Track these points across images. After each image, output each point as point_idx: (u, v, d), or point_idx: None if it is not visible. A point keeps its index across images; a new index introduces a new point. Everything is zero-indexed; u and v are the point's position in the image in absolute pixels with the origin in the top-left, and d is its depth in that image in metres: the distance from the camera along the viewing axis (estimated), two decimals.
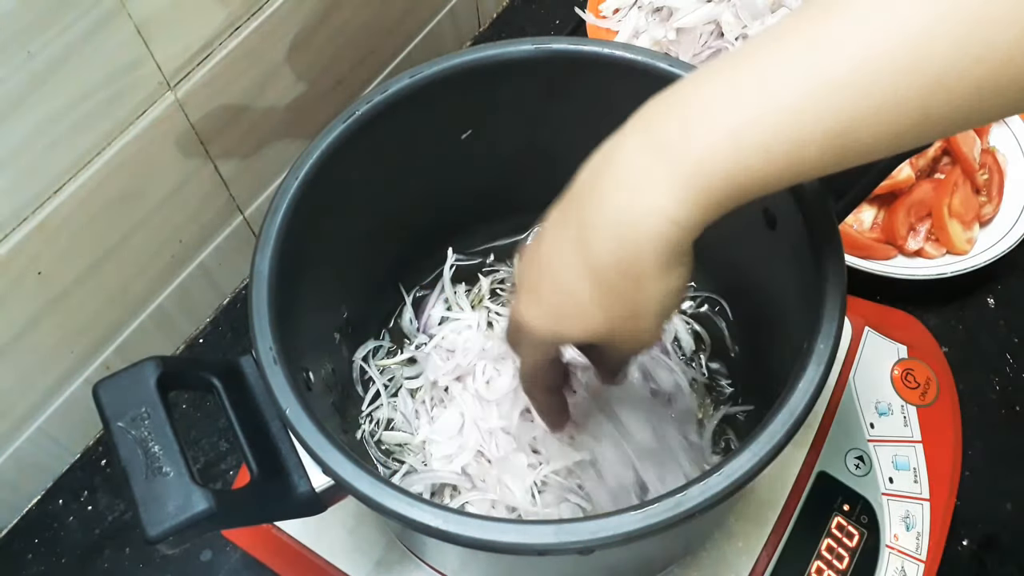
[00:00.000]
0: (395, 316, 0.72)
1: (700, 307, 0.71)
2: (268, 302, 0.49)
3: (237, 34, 0.67)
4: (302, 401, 0.46)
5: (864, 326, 0.71)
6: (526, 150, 0.67)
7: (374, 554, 0.61)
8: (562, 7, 0.99)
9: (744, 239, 0.61)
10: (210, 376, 0.47)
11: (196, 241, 0.75)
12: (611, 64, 0.58)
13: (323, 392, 0.58)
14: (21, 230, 0.59)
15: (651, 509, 0.42)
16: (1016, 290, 0.79)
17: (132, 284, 0.71)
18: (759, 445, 0.43)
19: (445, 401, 0.66)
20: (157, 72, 0.62)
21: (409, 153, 0.61)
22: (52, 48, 0.54)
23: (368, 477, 0.43)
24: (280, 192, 0.53)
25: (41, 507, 0.73)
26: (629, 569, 0.59)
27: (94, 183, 0.62)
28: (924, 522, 0.63)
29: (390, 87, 0.57)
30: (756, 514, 0.62)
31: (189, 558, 0.69)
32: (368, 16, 0.79)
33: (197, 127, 0.68)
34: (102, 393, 0.44)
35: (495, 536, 0.41)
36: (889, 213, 0.78)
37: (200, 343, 0.81)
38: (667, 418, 0.64)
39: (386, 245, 0.67)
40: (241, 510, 0.45)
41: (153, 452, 0.42)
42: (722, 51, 0.89)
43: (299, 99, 0.76)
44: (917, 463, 0.65)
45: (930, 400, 0.68)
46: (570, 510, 0.61)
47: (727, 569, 0.60)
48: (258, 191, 0.79)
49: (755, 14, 0.88)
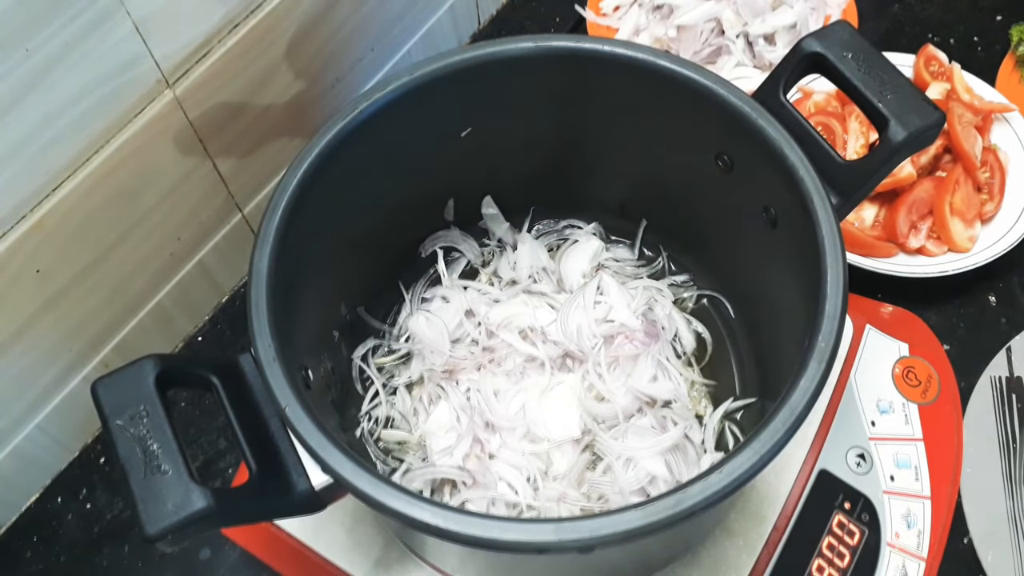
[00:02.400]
0: (394, 314, 0.72)
1: (702, 305, 0.71)
2: (267, 300, 0.49)
3: (236, 32, 0.67)
4: (301, 399, 0.46)
5: (865, 324, 0.70)
6: (526, 148, 0.67)
7: (373, 552, 0.61)
8: (562, 5, 0.99)
9: (746, 238, 0.61)
10: (209, 374, 0.47)
11: (195, 239, 0.75)
12: (612, 62, 0.58)
13: (322, 390, 0.58)
14: (19, 228, 0.59)
15: (651, 507, 0.41)
16: (1017, 288, 0.78)
17: (131, 282, 0.71)
18: (760, 443, 0.43)
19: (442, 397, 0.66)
20: (155, 69, 0.62)
21: (408, 151, 0.61)
22: (50, 45, 0.54)
23: (367, 475, 0.43)
24: (279, 190, 0.53)
25: (40, 505, 0.72)
26: (630, 567, 0.59)
27: (92, 181, 0.62)
28: (925, 520, 0.63)
29: (389, 85, 0.57)
30: (757, 512, 0.62)
31: (188, 556, 0.68)
32: (366, 13, 0.79)
33: (196, 125, 0.68)
34: (101, 391, 0.44)
35: (495, 534, 0.41)
36: (890, 211, 0.78)
37: (199, 341, 0.80)
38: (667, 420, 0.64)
39: (385, 243, 0.67)
40: (240, 508, 0.44)
41: (152, 450, 0.42)
42: (723, 48, 0.89)
43: (298, 97, 0.76)
44: (918, 461, 0.65)
45: (931, 398, 0.68)
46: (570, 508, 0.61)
47: (728, 567, 0.60)
48: (257, 189, 0.79)
49: (756, 11, 0.88)
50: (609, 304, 0.68)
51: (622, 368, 0.66)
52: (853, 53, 0.52)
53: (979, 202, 0.78)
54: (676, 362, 0.67)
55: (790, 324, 0.54)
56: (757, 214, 0.58)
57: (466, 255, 0.74)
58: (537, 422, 0.63)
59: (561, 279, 0.72)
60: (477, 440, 0.63)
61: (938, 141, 0.79)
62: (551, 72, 0.60)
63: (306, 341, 0.55)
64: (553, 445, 0.62)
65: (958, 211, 0.77)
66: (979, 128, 0.80)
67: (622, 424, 0.63)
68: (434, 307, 0.70)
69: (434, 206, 0.70)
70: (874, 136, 0.79)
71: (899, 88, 0.51)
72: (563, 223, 0.75)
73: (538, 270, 0.72)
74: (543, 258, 0.73)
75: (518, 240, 0.73)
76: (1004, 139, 0.82)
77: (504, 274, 0.73)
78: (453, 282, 0.72)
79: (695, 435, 0.64)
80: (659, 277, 0.72)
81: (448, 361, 0.66)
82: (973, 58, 0.92)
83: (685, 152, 0.61)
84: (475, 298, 0.70)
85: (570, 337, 0.66)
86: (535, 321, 0.67)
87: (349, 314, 0.66)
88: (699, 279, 0.72)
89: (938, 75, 0.85)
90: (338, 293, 0.64)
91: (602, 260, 0.73)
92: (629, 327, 0.66)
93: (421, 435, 0.65)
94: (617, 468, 0.61)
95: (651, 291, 0.70)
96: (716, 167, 0.60)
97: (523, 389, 0.65)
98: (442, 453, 0.63)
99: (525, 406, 0.64)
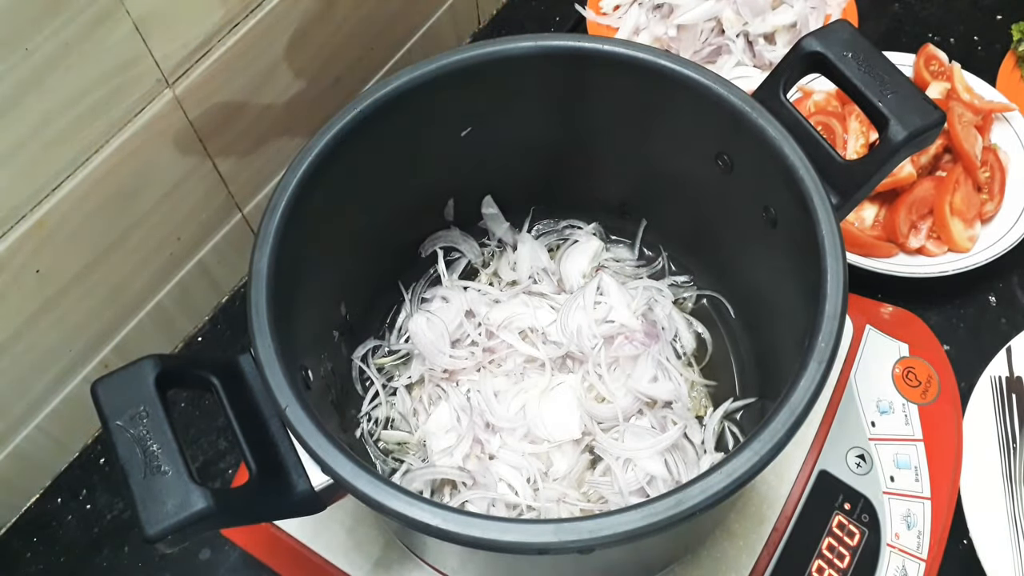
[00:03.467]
0: (394, 314, 0.71)
1: (702, 305, 0.71)
2: (267, 300, 0.49)
3: (235, 31, 0.67)
4: (301, 400, 0.46)
5: (865, 324, 0.70)
6: (526, 148, 0.66)
7: (373, 553, 0.61)
8: (562, 4, 0.99)
9: (746, 238, 0.61)
10: (209, 374, 0.47)
11: (195, 239, 0.75)
12: (612, 62, 0.58)
13: (322, 391, 0.58)
14: (19, 228, 0.59)
15: (651, 508, 0.41)
16: (1017, 288, 0.78)
17: (131, 282, 0.71)
18: (760, 444, 0.43)
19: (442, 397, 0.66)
20: (155, 69, 0.62)
21: (408, 151, 0.61)
22: (50, 45, 0.54)
23: (367, 476, 0.43)
24: (279, 190, 0.53)
25: (40, 505, 0.72)
26: (630, 568, 0.59)
27: (92, 180, 0.62)
28: (925, 521, 0.63)
29: (389, 84, 0.57)
30: (757, 512, 0.62)
31: (188, 557, 0.68)
32: (366, 12, 0.79)
33: (195, 124, 0.68)
34: (100, 391, 0.44)
35: (495, 535, 0.41)
36: (890, 211, 0.78)
37: (199, 341, 0.80)
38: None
39: (386, 243, 0.67)
40: (240, 509, 0.44)
41: (151, 451, 0.42)
42: (723, 48, 0.89)
43: (298, 96, 0.76)
44: (918, 461, 0.65)
45: (931, 398, 0.68)
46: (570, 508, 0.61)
47: (728, 568, 0.60)
48: (257, 189, 0.79)
49: (756, 11, 0.88)
50: (609, 304, 0.68)
51: (622, 369, 0.66)
52: (853, 52, 0.52)
53: (979, 202, 0.78)
54: (676, 362, 0.67)
55: (790, 324, 0.54)
56: (757, 214, 0.58)
57: (466, 255, 0.74)
58: (537, 423, 0.63)
59: (561, 279, 0.72)
60: (477, 441, 0.63)
61: (938, 141, 0.79)
62: (551, 72, 0.60)
63: (306, 341, 0.55)
64: (553, 446, 0.62)
65: (958, 211, 0.76)
66: (979, 128, 0.80)
67: (621, 424, 0.63)
68: (434, 307, 0.70)
69: (434, 206, 0.70)
70: (874, 136, 0.79)
71: (899, 88, 0.51)
72: (563, 223, 0.75)
73: (538, 270, 0.72)
74: (543, 258, 0.73)
75: (518, 240, 0.73)
76: (1004, 139, 0.82)
77: (504, 274, 0.73)
78: (453, 282, 0.72)
79: (695, 435, 0.64)
80: (659, 277, 0.72)
81: (448, 362, 0.66)
82: (973, 57, 0.92)
83: (685, 152, 0.61)
84: (475, 298, 0.70)
85: (570, 338, 0.66)
86: (535, 322, 0.67)
87: (349, 314, 0.66)
88: (699, 279, 0.72)
89: (938, 74, 0.85)
90: (338, 293, 0.64)
91: (602, 260, 0.73)
92: (629, 327, 0.66)
93: (421, 436, 0.65)
94: (616, 469, 0.61)
95: (651, 291, 0.70)
96: (716, 167, 0.60)
97: (523, 390, 0.65)
98: (442, 454, 0.63)
99: (525, 407, 0.64)
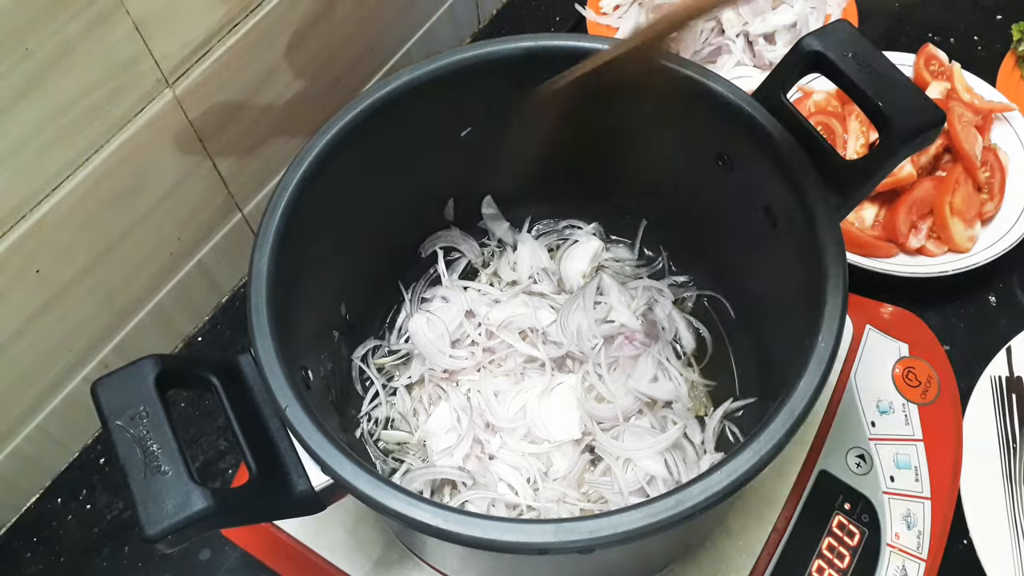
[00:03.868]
0: (394, 314, 0.71)
1: (702, 305, 0.71)
2: (267, 300, 0.49)
3: (235, 31, 0.67)
4: (301, 400, 0.46)
5: (865, 324, 0.70)
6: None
7: (373, 553, 0.61)
8: (562, 4, 0.99)
9: (746, 238, 0.61)
10: (209, 374, 0.47)
11: (195, 239, 0.75)
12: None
13: (322, 391, 0.58)
14: (19, 228, 0.59)
15: (651, 508, 0.41)
16: (1017, 288, 0.78)
17: (131, 282, 0.70)
18: (760, 444, 0.43)
19: (442, 397, 0.66)
20: (155, 69, 0.62)
21: (408, 150, 0.61)
22: (50, 45, 0.54)
23: (367, 476, 0.43)
24: (279, 189, 0.53)
25: (40, 506, 0.72)
26: (630, 567, 0.59)
27: (92, 180, 0.62)
28: (925, 521, 0.63)
29: (389, 84, 0.57)
30: (757, 512, 0.62)
31: (188, 557, 0.68)
32: (366, 13, 0.79)
33: (195, 124, 0.68)
34: (100, 391, 0.44)
35: (495, 535, 0.41)
36: (890, 211, 0.78)
37: (199, 341, 0.80)
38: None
39: (386, 243, 0.67)
40: (240, 509, 0.44)
41: (151, 451, 0.42)
42: (723, 48, 0.88)
43: (298, 96, 0.76)
44: (918, 462, 0.65)
45: (931, 398, 0.68)
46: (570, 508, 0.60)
47: (728, 568, 0.60)
48: (257, 189, 0.78)
49: (756, 10, 0.88)
50: (609, 304, 0.68)
51: (622, 369, 0.66)
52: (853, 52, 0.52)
53: (979, 202, 0.78)
54: (676, 362, 0.67)
55: (790, 324, 0.54)
56: (757, 214, 0.57)
57: (466, 255, 0.73)
58: (537, 423, 0.63)
59: (561, 279, 0.72)
60: (477, 441, 0.63)
61: (938, 141, 0.79)
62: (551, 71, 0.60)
63: (306, 341, 0.55)
64: (553, 446, 0.62)
65: (958, 211, 0.76)
66: (979, 128, 0.80)
67: (621, 424, 0.63)
68: (434, 307, 0.70)
69: (434, 206, 0.70)
70: (874, 136, 0.79)
71: (899, 87, 0.51)
72: (563, 223, 0.75)
73: (538, 270, 0.72)
74: (543, 258, 0.73)
75: (518, 240, 0.73)
76: (1004, 139, 0.82)
77: (504, 274, 0.73)
78: (453, 282, 0.72)
79: (695, 435, 0.64)
80: (659, 277, 0.72)
81: (448, 362, 0.66)
82: (973, 57, 0.92)
83: (685, 152, 0.61)
84: (475, 298, 0.70)
85: (570, 338, 0.66)
86: (535, 322, 0.67)
87: (349, 314, 0.66)
88: (699, 279, 0.72)
89: (938, 74, 0.85)
90: (338, 293, 0.64)
91: (602, 260, 0.73)
92: (629, 328, 0.66)
93: (421, 436, 0.65)
94: (616, 469, 0.61)
95: (651, 291, 0.70)
96: (716, 167, 0.59)
97: (523, 390, 0.65)
98: (442, 454, 0.63)
99: (525, 407, 0.64)
